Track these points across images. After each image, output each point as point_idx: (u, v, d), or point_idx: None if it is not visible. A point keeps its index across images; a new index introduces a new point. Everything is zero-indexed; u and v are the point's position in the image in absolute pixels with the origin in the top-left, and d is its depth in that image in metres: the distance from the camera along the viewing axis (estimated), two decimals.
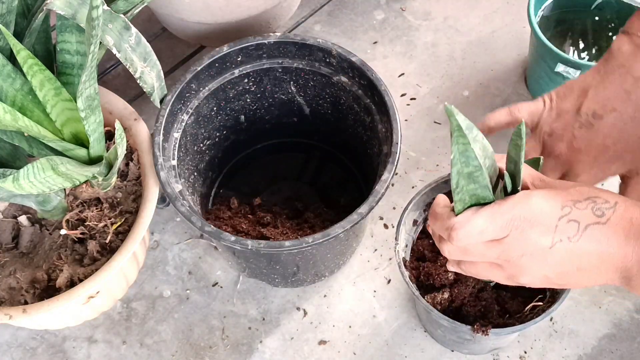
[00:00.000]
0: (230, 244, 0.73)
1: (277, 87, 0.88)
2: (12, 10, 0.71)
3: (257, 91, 0.88)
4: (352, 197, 0.94)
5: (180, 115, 0.83)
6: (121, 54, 0.72)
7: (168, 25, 1.02)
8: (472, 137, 0.55)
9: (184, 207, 0.75)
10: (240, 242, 0.73)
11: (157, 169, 0.77)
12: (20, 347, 0.90)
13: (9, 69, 0.70)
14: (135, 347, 0.90)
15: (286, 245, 0.72)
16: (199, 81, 0.83)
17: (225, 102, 0.87)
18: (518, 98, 1.04)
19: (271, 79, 0.87)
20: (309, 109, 0.91)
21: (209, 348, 0.90)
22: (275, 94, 0.89)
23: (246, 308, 0.92)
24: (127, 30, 0.72)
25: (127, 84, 1.07)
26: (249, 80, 0.86)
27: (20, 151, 0.77)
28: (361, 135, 0.87)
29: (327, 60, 0.83)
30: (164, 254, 0.95)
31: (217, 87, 0.85)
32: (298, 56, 0.84)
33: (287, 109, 0.91)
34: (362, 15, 1.13)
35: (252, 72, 0.86)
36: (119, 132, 0.69)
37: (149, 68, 0.75)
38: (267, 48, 0.84)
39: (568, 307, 0.89)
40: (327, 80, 0.85)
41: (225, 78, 0.85)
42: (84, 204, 0.82)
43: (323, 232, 0.72)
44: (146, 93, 0.77)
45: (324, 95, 0.88)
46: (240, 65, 0.85)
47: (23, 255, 0.82)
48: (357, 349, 0.89)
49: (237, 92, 0.87)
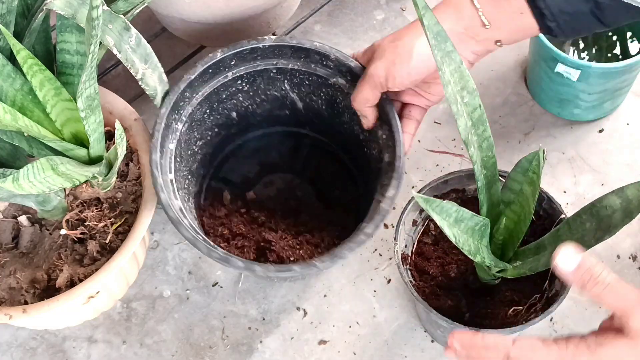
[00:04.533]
0: (240, 269, 0.73)
1: (271, 85, 0.87)
2: (12, 10, 0.71)
3: (250, 90, 0.87)
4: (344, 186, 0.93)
5: (175, 124, 0.81)
6: (122, 54, 0.72)
7: (168, 25, 1.02)
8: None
9: (189, 233, 0.74)
10: (249, 267, 0.72)
11: (157, 189, 0.75)
12: (20, 347, 0.90)
13: (9, 69, 0.70)
14: (135, 347, 0.90)
15: (295, 270, 0.73)
16: (192, 89, 0.81)
17: (218, 103, 0.86)
18: (518, 98, 1.04)
19: (265, 79, 0.85)
20: (302, 103, 0.89)
21: (209, 348, 0.90)
22: (268, 91, 0.88)
23: (246, 308, 0.92)
24: (127, 30, 0.72)
25: (127, 84, 1.07)
26: (242, 82, 0.85)
27: (20, 151, 0.77)
28: (357, 133, 0.86)
29: (324, 63, 0.82)
30: (164, 254, 0.95)
31: (211, 92, 0.83)
32: (294, 57, 0.83)
33: (280, 103, 0.90)
34: (362, 15, 1.13)
35: (246, 74, 0.84)
36: (119, 132, 0.69)
37: (150, 70, 0.75)
38: (262, 51, 0.82)
39: (568, 307, 0.89)
40: (324, 81, 0.84)
41: (218, 82, 0.83)
42: (84, 204, 0.82)
43: (331, 255, 0.72)
44: (149, 96, 0.77)
45: (319, 93, 0.87)
46: (234, 68, 0.83)
47: (23, 255, 0.82)
48: (357, 349, 0.89)
49: (229, 93, 0.86)
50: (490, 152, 0.67)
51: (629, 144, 1.00)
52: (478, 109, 0.64)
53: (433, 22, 0.61)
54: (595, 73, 0.90)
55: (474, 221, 0.64)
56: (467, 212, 0.63)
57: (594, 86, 0.93)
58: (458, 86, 0.63)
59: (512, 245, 0.71)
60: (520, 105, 1.04)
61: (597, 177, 0.98)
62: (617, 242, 0.93)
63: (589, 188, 0.97)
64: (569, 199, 0.96)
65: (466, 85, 0.63)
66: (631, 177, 0.98)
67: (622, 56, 0.96)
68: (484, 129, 0.65)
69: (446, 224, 0.62)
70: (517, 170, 0.71)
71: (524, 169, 0.71)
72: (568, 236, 0.68)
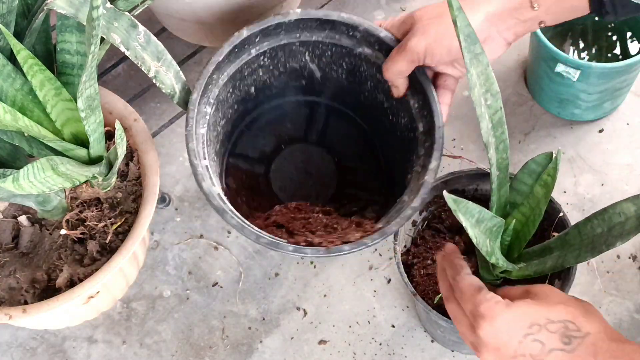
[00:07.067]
0: (288, 252, 0.70)
1: (291, 58, 0.85)
2: (13, 10, 0.71)
3: (271, 64, 0.85)
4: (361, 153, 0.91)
5: (204, 108, 0.79)
6: (130, 52, 0.71)
7: (168, 25, 1.02)
8: None
9: (234, 220, 0.71)
10: (299, 250, 0.70)
11: (198, 180, 0.72)
12: (20, 347, 0.90)
13: (9, 69, 0.70)
14: (135, 347, 0.90)
15: (345, 249, 0.70)
16: (219, 70, 0.80)
17: (240, 80, 0.84)
18: (518, 98, 1.04)
19: (286, 52, 0.84)
20: (320, 73, 0.88)
21: (209, 348, 0.90)
22: (287, 64, 0.86)
23: (246, 308, 0.92)
24: (135, 28, 0.70)
25: (127, 84, 1.07)
26: (265, 57, 0.83)
27: (20, 151, 0.77)
28: (381, 101, 0.85)
29: (351, 34, 0.81)
30: (164, 254, 0.95)
31: (235, 71, 0.82)
32: (318, 30, 0.82)
33: (297, 74, 0.88)
34: (362, 15, 1.12)
35: (269, 49, 0.82)
36: (119, 132, 0.69)
37: (164, 68, 0.73)
38: (287, 26, 0.81)
39: None
40: (349, 51, 0.82)
41: (242, 60, 0.82)
42: (84, 204, 0.82)
43: (380, 232, 0.71)
44: (166, 95, 0.75)
45: (340, 63, 0.85)
46: (257, 44, 0.81)
47: (23, 255, 0.82)
48: (357, 349, 0.89)
49: (251, 70, 0.84)
50: (505, 154, 0.66)
51: (629, 144, 1.00)
52: (499, 111, 0.64)
53: (465, 24, 0.60)
54: (595, 73, 0.90)
55: (492, 222, 0.64)
56: (487, 213, 0.63)
57: (594, 86, 0.93)
58: (483, 88, 0.63)
59: (518, 246, 0.71)
60: (520, 105, 1.04)
61: (597, 177, 0.98)
62: None
63: (589, 188, 0.97)
64: (569, 199, 0.96)
65: (490, 88, 0.63)
66: (631, 177, 0.98)
67: (622, 56, 0.96)
68: (502, 131, 0.65)
69: (469, 225, 0.61)
70: (524, 171, 0.71)
71: (531, 170, 0.71)
72: (577, 240, 0.67)
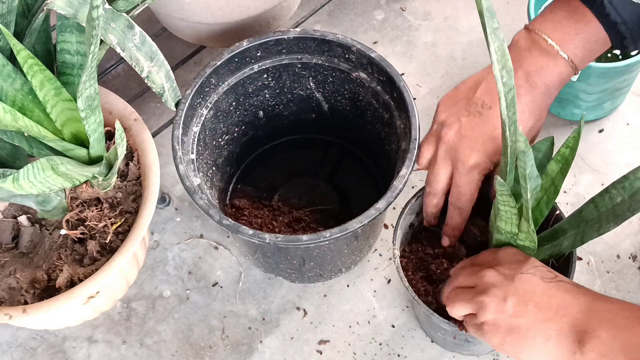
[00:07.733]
0: (248, 237, 0.73)
1: (296, 83, 0.89)
2: (13, 10, 0.71)
3: (276, 86, 0.89)
4: (368, 192, 0.94)
5: (200, 109, 0.83)
6: (126, 52, 0.72)
7: (168, 25, 1.02)
8: None
9: (202, 201, 0.75)
10: (257, 235, 0.73)
11: (177, 162, 0.77)
12: (20, 347, 0.90)
13: (9, 69, 0.70)
14: (135, 347, 0.90)
15: (304, 240, 0.73)
16: (218, 76, 0.83)
17: (244, 97, 0.88)
18: None
19: (290, 75, 0.87)
20: (327, 104, 0.91)
21: (209, 348, 0.90)
22: (294, 90, 0.90)
23: (246, 308, 0.92)
24: (131, 29, 0.71)
25: (127, 84, 1.07)
26: (268, 76, 0.87)
27: (20, 151, 0.77)
28: (379, 132, 0.87)
29: (347, 56, 0.84)
30: (164, 254, 0.95)
31: (237, 82, 0.85)
32: (317, 52, 0.85)
33: (306, 105, 0.92)
34: (362, 15, 1.13)
35: (271, 68, 0.86)
36: (119, 132, 0.69)
37: (156, 68, 0.75)
38: (287, 43, 0.84)
39: None
40: (346, 76, 0.85)
41: (244, 73, 0.85)
42: (84, 204, 0.82)
43: (341, 227, 0.73)
44: (156, 94, 0.77)
45: (342, 92, 0.88)
46: (260, 60, 0.85)
47: (23, 255, 0.82)
48: (357, 349, 0.89)
49: (256, 88, 0.88)
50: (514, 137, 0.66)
51: (629, 144, 1.00)
52: (512, 89, 0.64)
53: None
54: (595, 73, 0.90)
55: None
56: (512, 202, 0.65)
57: (594, 86, 0.93)
58: (500, 64, 0.62)
59: None
60: None
61: (597, 177, 0.98)
62: (617, 242, 0.93)
63: (589, 188, 0.97)
64: (569, 199, 0.96)
65: (506, 65, 0.63)
66: None
67: (622, 56, 0.96)
68: (514, 111, 0.65)
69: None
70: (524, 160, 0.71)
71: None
72: (595, 214, 0.67)
